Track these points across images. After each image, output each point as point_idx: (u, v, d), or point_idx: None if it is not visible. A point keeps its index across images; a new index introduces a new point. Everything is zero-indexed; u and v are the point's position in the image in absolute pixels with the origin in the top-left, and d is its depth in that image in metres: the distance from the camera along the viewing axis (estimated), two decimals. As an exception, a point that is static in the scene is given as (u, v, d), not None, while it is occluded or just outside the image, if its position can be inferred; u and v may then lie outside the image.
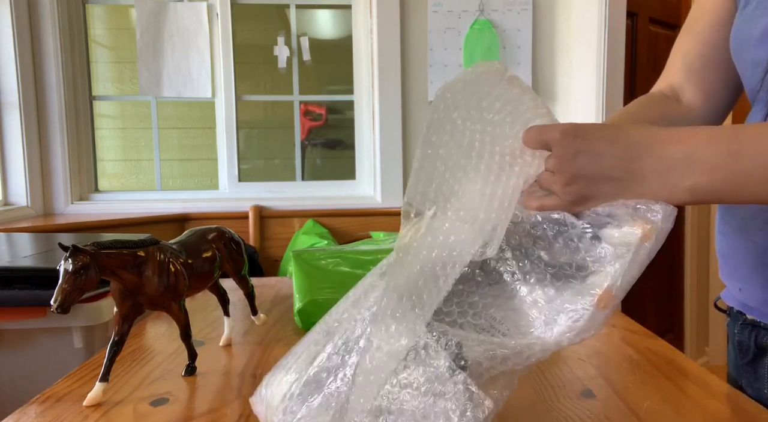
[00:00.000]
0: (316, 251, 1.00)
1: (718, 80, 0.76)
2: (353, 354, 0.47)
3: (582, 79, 2.21)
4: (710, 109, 0.77)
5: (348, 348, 0.48)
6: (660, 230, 0.45)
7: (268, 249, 2.30)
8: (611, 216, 0.47)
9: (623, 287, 0.45)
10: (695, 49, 0.77)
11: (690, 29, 0.78)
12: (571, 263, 0.47)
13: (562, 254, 0.48)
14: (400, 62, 2.26)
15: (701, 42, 0.76)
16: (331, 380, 0.47)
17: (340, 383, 0.47)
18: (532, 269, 0.48)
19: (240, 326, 0.90)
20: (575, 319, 0.44)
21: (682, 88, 0.78)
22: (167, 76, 2.33)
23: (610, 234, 0.46)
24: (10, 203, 2.16)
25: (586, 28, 2.17)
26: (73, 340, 0.93)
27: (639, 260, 0.45)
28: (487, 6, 2.25)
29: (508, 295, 0.49)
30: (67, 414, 0.61)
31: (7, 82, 2.10)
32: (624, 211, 0.47)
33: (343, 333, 0.50)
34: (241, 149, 2.45)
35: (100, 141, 2.42)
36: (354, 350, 0.48)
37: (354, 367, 0.46)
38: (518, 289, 0.48)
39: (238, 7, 2.39)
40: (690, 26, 0.79)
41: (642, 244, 0.45)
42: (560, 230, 0.49)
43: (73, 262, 0.57)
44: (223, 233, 0.78)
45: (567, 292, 0.46)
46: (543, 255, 0.48)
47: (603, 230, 0.46)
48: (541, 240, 0.49)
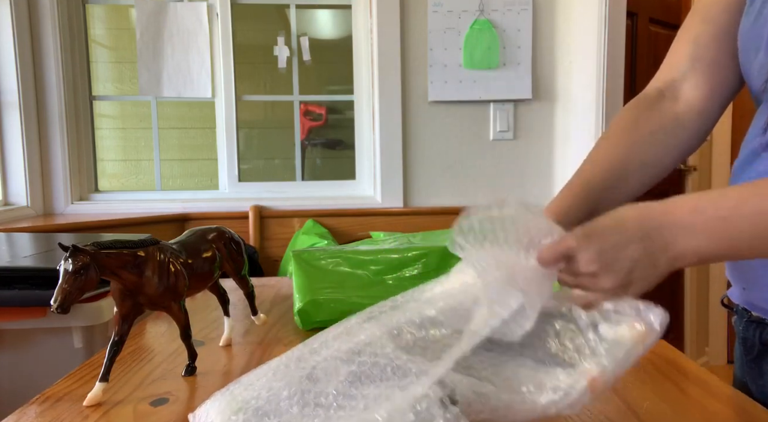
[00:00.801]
0: (316, 251, 1.00)
1: (727, 70, 0.73)
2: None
3: (582, 79, 2.21)
4: (711, 102, 0.74)
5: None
6: (657, 335, 0.49)
7: (268, 249, 2.30)
8: (616, 312, 0.50)
9: (614, 378, 0.48)
10: (709, 34, 0.73)
11: (702, 17, 0.74)
12: (570, 347, 0.50)
13: (565, 338, 0.51)
14: (400, 62, 2.26)
15: (716, 25, 0.72)
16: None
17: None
18: (533, 344, 0.51)
19: (240, 326, 0.90)
20: (566, 392, 0.47)
21: (685, 79, 0.75)
22: (167, 76, 2.33)
23: (611, 330, 0.49)
24: (10, 203, 2.16)
25: (586, 28, 2.17)
26: (73, 340, 0.93)
27: (632, 357, 0.48)
28: (487, 6, 2.25)
29: (507, 358, 0.51)
30: (67, 414, 0.61)
31: (7, 82, 2.10)
32: (628, 310, 0.50)
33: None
34: (241, 149, 2.45)
35: (100, 141, 2.42)
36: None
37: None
38: (518, 356, 0.51)
39: (238, 7, 2.39)
40: (701, 14, 0.74)
41: (638, 344, 0.48)
42: (567, 318, 0.52)
43: (73, 262, 0.57)
44: (223, 233, 0.78)
45: (562, 368, 0.49)
46: (549, 336, 0.52)
47: (604, 325, 0.50)
48: (549, 326, 0.53)
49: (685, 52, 0.75)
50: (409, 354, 0.51)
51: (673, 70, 0.76)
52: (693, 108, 0.74)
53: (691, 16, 0.76)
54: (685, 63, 0.75)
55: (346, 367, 0.51)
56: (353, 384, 0.49)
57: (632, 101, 0.77)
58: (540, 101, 2.33)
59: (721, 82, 0.73)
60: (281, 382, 0.51)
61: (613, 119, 0.77)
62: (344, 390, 0.49)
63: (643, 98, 0.77)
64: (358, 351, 0.52)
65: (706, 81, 0.73)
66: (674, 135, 0.74)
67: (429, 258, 0.99)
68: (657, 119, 0.74)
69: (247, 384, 0.53)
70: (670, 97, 0.75)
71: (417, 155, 2.33)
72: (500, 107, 2.31)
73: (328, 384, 0.50)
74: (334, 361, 0.52)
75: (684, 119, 0.74)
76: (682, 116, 0.74)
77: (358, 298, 0.90)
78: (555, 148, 2.35)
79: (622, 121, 0.76)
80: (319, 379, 0.51)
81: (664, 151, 0.74)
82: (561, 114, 2.32)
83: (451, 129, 2.32)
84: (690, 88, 0.74)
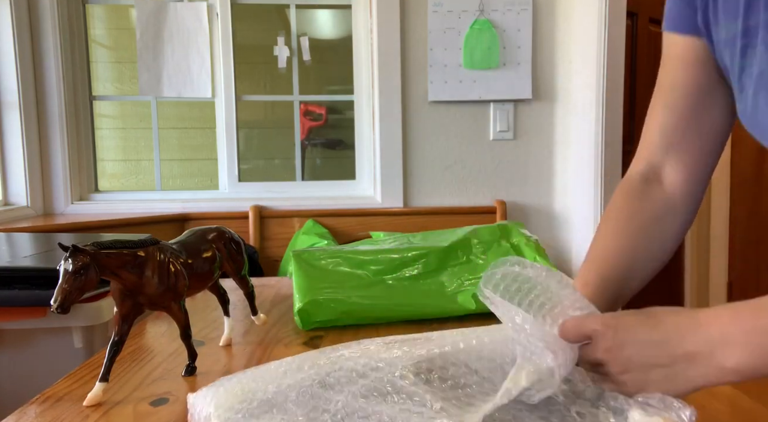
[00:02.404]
0: (316, 251, 1.00)
1: (699, 151, 0.76)
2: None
3: (582, 79, 2.21)
4: (692, 185, 0.77)
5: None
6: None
7: (268, 249, 2.30)
8: (646, 403, 0.50)
9: None
10: (673, 122, 0.76)
11: (665, 102, 0.77)
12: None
13: (594, 419, 0.51)
14: (400, 62, 2.26)
15: (678, 114, 0.75)
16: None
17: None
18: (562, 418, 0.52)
19: (240, 326, 0.90)
20: None
21: (663, 165, 0.78)
22: (167, 76, 2.33)
23: (640, 418, 0.49)
24: (10, 203, 2.16)
25: (586, 28, 2.17)
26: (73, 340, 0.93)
27: None
28: (487, 6, 2.25)
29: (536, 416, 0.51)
30: (67, 414, 0.61)
31: (7, 82, 2.10)
32: (659, 403, 0.49)
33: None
34: (241, 149, 2.45)
35: (100, 141, 2.42)
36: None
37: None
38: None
39: (238, 7, 2.39)
40: (664, 99, 0.77)
41: None
42: (598, 398, 0.52)
43: (73, 262, 0.57)
44: (223, 233, 0.78)
45: None
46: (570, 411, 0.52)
47: (635, 412, 0.49)
48: (581, 401, 0.53)
49: (656, 140, 0.78)
50: (428, 385, 0.51)
51: (650, 155, 0.79)
52: (678, 190, 0.77)
53: (655, 96, 0.79)
54: (659, 150, 0.78)
55: (361, 380, 0.51)
56: (365, 398, 0.49)
57: (623, 186, 0.79)
58: (540, 101, 2.33)
59: (697, 163, 0.76)
60: (291, 381, 0.51)
61: (609, 205, 0.79)
62: (353, 402, 0.48)
63: (632, 185, 0.79)
64: (376, 367, 0.52)
65: (683, 165, 0.76)
66: (669, 221, 0.76)
67: (429, 258, 0.99)
68: (650, 208, 0.76)
69: (255, 377, 0.53)
70: (655, 181, 0.78)
71: (417, 155, 2.33)
72: (500, 107, 2.31)
73: (340, 393, 0.50)
74: (350, 372, 0.52)
75: (673, 203, 0.77)
76: (670, 200, 0.77)
77: (358, 298, 0.90)
78: (555, 148, 2.35)
79: (619, 211, 0.77)
80: (332, 387, 0.51)
81: (664, 236, 0.76)
82: (561, 114, 2.32)
83: (451, 129, 2.32)
84: (670, 173, 0.77)
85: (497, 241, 1.03)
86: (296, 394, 0.50)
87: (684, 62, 0.74)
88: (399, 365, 0.53)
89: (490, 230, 1.06)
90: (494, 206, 2.33)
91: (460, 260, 1.01)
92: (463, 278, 0.97)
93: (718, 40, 0.69)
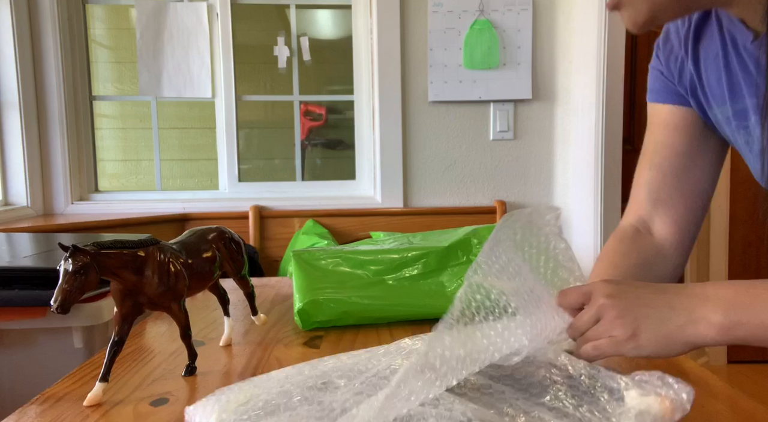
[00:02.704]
0: (316, 251, 1.00)
1: (683, 207, 0.82)
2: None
3: (582, 79, 2.21)
4: (681, 235, 0.83)
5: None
6: (685, 412, 0.48)
7: (268, 249, 2.30)
8: (644, 382, 0.50)
9: None
10: (657, 179, 0.82)
11: (651, 161, 0.83)
12: (595, 408, 0.50)
13: (590, 398, 0.51)
14: (400, 62, 2.26)
15: (663, 173, 0.82)
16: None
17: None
18: (556, 397, 0.52)
19: (240, 326, 0.90)
20: None
21: (652, 219, 0.83)
22: (167, 76, 2.33)
23: (638, 399, 0.49)
24: (10, 203, 2.16)
25: (586, 28, 2.17)
26: (73, 340, 0.93)
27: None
28: (487, 6, 2.25)
29: (532, 401, 0.51)
30: (67, 414, 0.61)
31: (7, 82, 2.10)
32: (657, 381, 0.50)
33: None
34: (241, 149, 2.45)
35: (100, 141, 2.42)
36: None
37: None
38: (542, 401, 0.51)
39: (238, 7, 2.39)
40: (650, 158, 0.83)
41: (665, 417, 0.47)
42: (593, 378, 0.52)
43: (73, 262, 0.57)
44: (223, 233, 0.78)
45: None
46: (569, 397, 0.52)
47: (632, 391, 0.49)
48: (577, 385, 0.53)
49: (644, 196, 0.84)
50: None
51: (639, 210, 0.85)
52: (668, 240, 0.82)
53: (642, 156, 0.86)
54: (647, 205, 0.84)
55: (361, 376, 0.51)
56: (366, 393, 0.49)
57: (616, 234, 0.85)
58: (540, 101, 2.33)
59: (683, 217, 0.82)
60: (294, 382, 0.51)
61: (603, 249, 0.84)
62: (357, 396, 0.49)
63: (625, 233, 0.84)
64: (373, 362, 0.53)
65: (670, 219, 0.82)
66: (661, 265, 0.82)
67: (429, 258, 0.99)
68: (642, 253, 0.81)
69: (255, 384, 0.53)
70: (646, 232, 0.83)
71: (417, 155, 2.33)
72: (500, 107, 2.31)
73: (343, 389, 0.50)
74: (351, 370, 0.52)
75: (664, 251, 0.82)
76: (661, 248, 0.82)
77: (358, 298, 0.90)
78: (555, 148, 2.35)
79: (614, 251, 0.82)
80: (336, 385, 0.51)
81: (656, 280, 0.81)
82: (561, 114, 2.32)
83: (451, 129, 2.32)
84: (659, 225, 0.83)
85: (497, 241, 1.03)
86: (300, 393, 0.50)
87: (668, 128, 0.81)
88: (397, 358, 0.53)
89: (490, 230, 1.05)
90: (494, 206, 2.33)
91: (460, 260, 1.00)
92: (463, 279, 0.97)
93: (715, 119, 0.75)
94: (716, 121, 0.76)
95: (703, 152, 0.80)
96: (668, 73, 0.79)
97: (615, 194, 2.21)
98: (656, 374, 0.50)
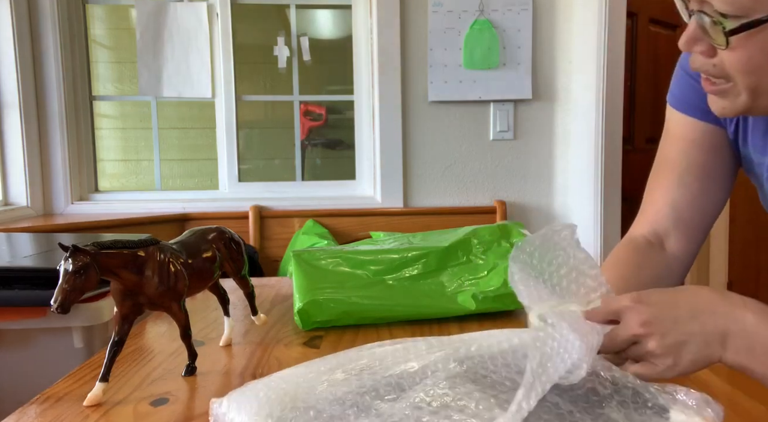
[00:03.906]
0: (316, 251, 1.00)
1: (700, 226, 0.83)
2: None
3: (582, 79, 2.21)
4: (689, 252, 0.84)
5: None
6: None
7: (268, 249, 2.30)
8: (684, 403, 0.50)
9: None
10: (686, 200, 0.82)
11: (681, 179, 0.82)
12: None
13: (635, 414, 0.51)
14: (400, 62, 2.26)
15: (693, 194, 0.81)
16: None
17: None
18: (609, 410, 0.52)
19: (240, 326, 0.90)
20: None
21: (668, 235, 0.83)
22: (167, 76, 2.33)
23: (679, 417, 0.50)
24: (10, 203, 2.16)
25: (586, 28, 2.17)
26: (73, 340, 0.93)
27: None
28: (487, 6, 2.25)
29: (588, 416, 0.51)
30: (67, 414, 0.61)
31: (7, 82, 2.10)
32: (699, 402, 0.50)
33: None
34: (241, 149, 2.45)
35: (100, 141, 2.42)
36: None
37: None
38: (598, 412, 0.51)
39: (238, 7, 2.39)
40: (680, 175, 0.82)
41: None
42: (638, 393, 0.52)
43: (73, 262, 0.57)
44: (223, 233, 0.78)
45: None
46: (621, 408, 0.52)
47: (677, 412, 0.50)
48: (624, 399, 0.53)
49: (666, 212, 0.83)
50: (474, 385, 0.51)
51: (656, 224, 0.84)
52: (677, 259, 0.83)
53: (666, 175, 0.84)
54: (668, 222, 0.83)
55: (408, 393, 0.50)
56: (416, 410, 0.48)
57: (625, 243, 0.84)
58: (540, 101, 2.33)
59: (697, 237, 0.84)
60: (328, 388, 0.50)
61: (611, 258, 0.83)
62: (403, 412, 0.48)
63: (637, 245, 0.84)
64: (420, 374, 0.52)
65: (686, 238, 0.83)
66: (667, 281, 0.83)
67: (429, 258, 0.99)
68: (654, 267, 0.82)
69: (284, 380, 0.51)
70: (658, 247, 0.84)
71: (417, 155, 2.33)
72: (500, 107, 2.31)
73: (387, 402, 0.49)
74: (391, 382, 0.51)
75: (672, 267, 0.83)
76: (671, 264, 0.83)
77: (358, 298, 0.90)
78: (555, 148, 2.35)
79: (626, 262, 0.82)
80: (379, 397, 0.50)
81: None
82: (561, 114, 2.32)
83: (451, 129, 2.32)
84: (674, 243, 0.83)
85: (497, 241, 1.03)
86: (336, 401, 0.49)
87: (700, 148, 0.80)
88: (446, 374, 0.52)
89: (490, 230, 1.06)
90: (494, 206, 2.32)
91: (460, 260, 1.00)
92: (463, 279, 0.97)
93: (747, 157, 0.75)
94: (746, 158, 0.76)
95: (727, 174, 0.81)
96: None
97: (615, 194, 2.21)
98: (696, 394, 0.50)
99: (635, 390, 0.52)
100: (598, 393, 0.52)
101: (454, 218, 2.30)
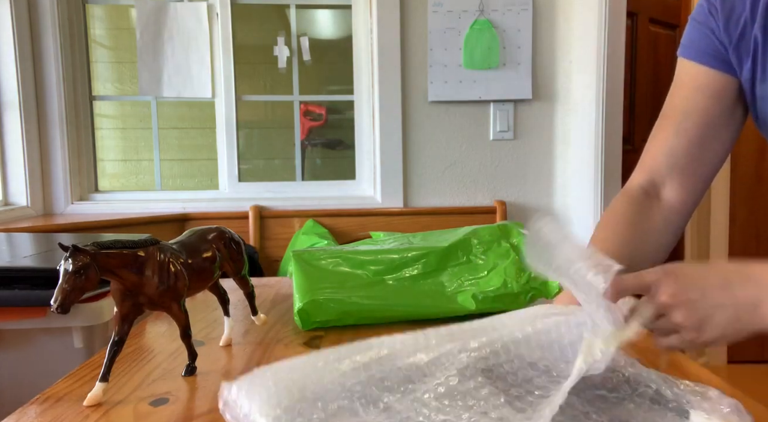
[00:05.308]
0: (316, 251, 1.00)
1: (698, 176, 0.82)
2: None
3: (582, 79, 2.21)
4: (687, 204, 0.83)
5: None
6: None
7: (268, 249, 2.30)
8: (705, 407, 0.50)
9: None
10: (682, 147, 0.80)
11: (678, 125, 0.81)
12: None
13: (656, 416, 0.51)
14: (400, 62, 2.26)
15: (690, 141, 0.80)
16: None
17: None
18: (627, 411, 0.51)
19: (240, 326, 0.90)
20: None
21: (664, 184, 0.83)
22: (167, 76, 2.33)
23: (700, 417, 0.50)
24: (10, 203, 2.16)
25: (586, 28, 2.17)
26: (73, 340, 0.93)
27: None
28: (487, 6, 2.25)
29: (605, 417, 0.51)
30: (67, 414, 0.61)
31: (7, 82, 2.10)
32: (721, 404, 0.50)
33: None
34: (241, 149, 2.45)
35: (100, 141, 2.42)
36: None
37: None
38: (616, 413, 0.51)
39: (238, 7, 2.39)
40: (679, 122, 0.81)
41: None
42: (658, 392, 0.52)
43: (73, 262, 0.57)
44: (223, 233, 0.78)
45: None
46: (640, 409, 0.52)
47: (695, 411, 0.50)
48: (643, 400, 0.53)
49: (662, 159, 0.82)
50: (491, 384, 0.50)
51: (653, 173, 0.83)
52: (674, 208, 0.82)
53: (665, 116, 0.83)
54: (663, 169, 0.82)
55: (422, 386, 0.50)
56: (430, 404, 0.48)
57: (623, 196, 0.83)
58: (540, 101, 2.33)
59: (694, 186, 0.82)
60: (339, 379, 0.50)
61: (607, 212, 0.82)
62: (417, 406, 0.48)
63: (632, 196, 0.83)
64: (435, 364, 0.51)
65: (682, 187, 0.82)
66: (665, 233, 0.82)
67: (429, 258, 0.99)
68: (649, 220, 0.81)
69: (294, 369, 0.51)
70: (654, 197, 0.83)
71: (417, 155, 2.33)
72: (500, 107, 2.31)
73: (401, 394, 0.49)
74: (406, 375, 0.51)
75: (669, 219, 0.82)
76: (667, 216, 0.82)
77: (358, 298, 0.90)
78: (555, 148, 2.35)
79: (620, 218, 0.81)
80: (390, 389, 0.50)
81: (659, 246, 0.81)
82: (561, 114, 2.32)
83: (451, 129, 2.32)
84: (670, 192, 0.82)
85: (497, 241, 1.03)
86: (344, 392, 0.48)
87: (704, 93, 0.78)
88: (456, 366, 0.51)
89: (490, 230, 1.06)
90: (494, 206, 2.33)
91: (460, 260, 1.00)
92: (463, 279, 0.97)
93: (762, 94, 0.73)
94: (762, 96, 0.73)
95: (729, 124, 0.79)
96: (722, 34, 0.74)
97: (615, 194, 2.20)
98: (715, 392, 0.50)
99: (657, 390, 0.52)
100: (618, 391, 0.52)
101: (454, 218, 2.30)
